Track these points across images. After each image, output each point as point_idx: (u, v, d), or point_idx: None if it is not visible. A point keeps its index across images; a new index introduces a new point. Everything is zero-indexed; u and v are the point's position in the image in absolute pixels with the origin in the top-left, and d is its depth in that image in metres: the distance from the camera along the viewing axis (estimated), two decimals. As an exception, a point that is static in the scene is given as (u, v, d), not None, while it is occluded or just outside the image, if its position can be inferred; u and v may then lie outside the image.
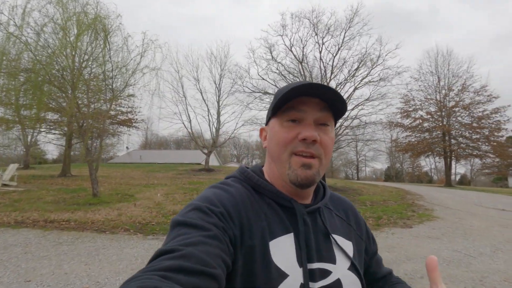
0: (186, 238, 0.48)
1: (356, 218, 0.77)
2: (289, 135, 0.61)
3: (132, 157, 34.03)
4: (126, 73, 9.67)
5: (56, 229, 5.71)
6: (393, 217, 7.30)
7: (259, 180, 0.65)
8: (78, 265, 3.81)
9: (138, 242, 4.98)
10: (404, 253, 4.56)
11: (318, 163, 0.62)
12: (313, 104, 0.62)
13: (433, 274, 0.48)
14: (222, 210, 0.56)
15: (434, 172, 46.33)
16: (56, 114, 13.60)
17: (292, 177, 0.61)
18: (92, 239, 5.08)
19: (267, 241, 0.57)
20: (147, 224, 6.14)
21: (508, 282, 3.46)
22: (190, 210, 0.55)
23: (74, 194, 9.38)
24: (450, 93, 21.43)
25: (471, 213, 8.15)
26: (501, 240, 5.39)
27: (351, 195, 11.12)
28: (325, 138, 0.62)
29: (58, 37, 8.75)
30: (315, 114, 0.61)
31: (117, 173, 16.47)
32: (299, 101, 0.61)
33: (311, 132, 0.59)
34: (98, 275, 3.49)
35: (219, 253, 0.48)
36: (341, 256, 0.64)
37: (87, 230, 5.69)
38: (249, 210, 0.59)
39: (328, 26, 13.74)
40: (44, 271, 3.59)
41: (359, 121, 14.25)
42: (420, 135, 22.71)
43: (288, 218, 0.62)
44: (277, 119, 0.64)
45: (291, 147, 0.61)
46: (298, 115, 0.61)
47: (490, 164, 24.60)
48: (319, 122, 0.62)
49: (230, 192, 0.61)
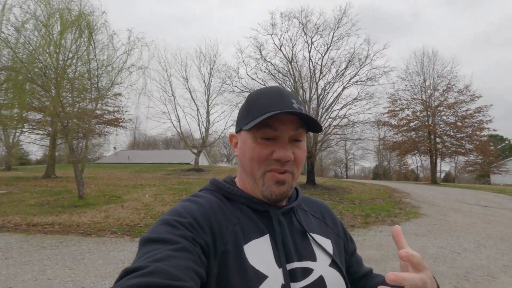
0: (154, 255, 0.47)
1: (332, 218, 0.78)
2: (263, 153, 0.61)
3: (119, 157, 33.39)
4: (112, 71, 9.48)
5: (40, 233, 5.53)
6: (381, 215, 7.43)
7: (230, 188, 0.66)
8: (62, 270, 3.70)
9: (125, 245, 4.88)
10: (391, 250, 4.63)
11: (291, 178, 0.63)
12: (289, 122, 0.61)
13: (399, 240, 0.49)
14: (191, 220, 0.55)
15: (420, 170, 47.46)
16: (40, 114, 13.18)
17: (267, 193, 0.62)
18: (77, 243, 4.95)
19: (241, 245, 0.56)
20: (135, 226, 6.03)
21: (490, 277, 3.57)
22: (158, 225, 0.54)
23: (58, 196, 9.12)
24: (435, 93, 21.95)
25: (455, 209, 8.37)
26: (484, 236, 5.56)
27: (340, 193, 11.25)
28: (299, 153, 0.63)
29: (41, 34, 8.48)
30: (289, 132, 0.61)
31: (104, 174, 16.12)
32: (275, 119, 0.61)
33: (285, 152, 0.60)
34: (83, 280, 3.40)
35: (190, 265, 0.47)
36: (321, 253, 0.64)
37: (72, 233, 5.54)
38: (219, 217, 0.59)
39: (317, 26, 13.86)
40: (26, 277, 3.47)
41: (347, 120, 14.43)
42: (407, 134, 23.17)
43: (263, 221, 0.62)
44: (250, 133, 0.63)
45: (265, 166, 0.62)
46: (274, 134, 0.61)
47: (473, 161, 25.33)
48: (293, 139, 0.63)
49: (199, 202, 0.61)
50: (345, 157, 46.95)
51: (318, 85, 13.98)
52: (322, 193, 11.00)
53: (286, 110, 0.59)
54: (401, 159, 36.09)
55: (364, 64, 13.68)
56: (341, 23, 13.58)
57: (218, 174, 16.48)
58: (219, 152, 56.24)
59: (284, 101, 0.61)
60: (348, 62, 13.81)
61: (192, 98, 18.38)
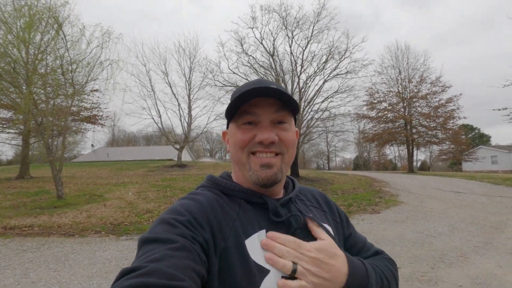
0: (152, 254, 0.46)
1: (327, 203, 0.80)
2: (246, 137, 0.62)
3: (98, 155, 32.29)
4: (87, 66, 9.11)
5: (18, 235, 5.32)
6: (363, 204, 7.72)
7: (228, 183, 0.66)
8: (47, 272, 3.60)
9: (111, 244, 4.80)
10: (373, 237, 4.85)
11: (280, 161, 0.62)
12: (267, 105, 0.62)
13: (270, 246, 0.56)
14: (189, 218, 0.54)
15: (398, 160, 49.43)
16: (10, 112, 12.46)
17: (254, 178, 0.62)
18: (60, 244, 4.81)
19: (242, 240, 0.56)
20: (120, 225, 5.92)
21: (463, 257, 3.84)
22: (157, 224, 0.54)
23: (35, 197, 8.75)
24: (409, 85, 22.82)
25: (431, 196, 8.84)
26: (457, 220, 5.93)
27: (323, 184, 11.53)
28: (284, 134, 0.62)
29: (7, 26, 7.99)
30: (270, 115, 0.62)
31: (83, 173, 15.58)
32: (252, 104, 0.62)
33: (267, 134, 0.60)
34: (69, 281, 3.33)
35: (189, 264, 0.46)
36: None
37: (54, 234, 5.37)
38: (219, 214, 0.58)
39: (298, 20, 13.93)
40: (7, 281, 3.35)
41: (329, 113, 14.74)
42: (385, 126, 24.01)
43: (262, 214, 0.62)
44: (234, 123, 0.65)
45: (248, 148, 0.62)
46: (253, 118, 0.62)
47: (446, 150, 26.65)
48: (275, 121, 0.63)
49: (197, 199, 0.60)
50: (327, 149, 47.99)
51: (300, 78, 14.14)
52: (306, 185, 11.21)
53: (253, 86, 0.59)
54: (380, 149, 37.34)
55: (343, 57, 13.97)
56: (320, 17, 13.75)
57: (202, 170, 16.36)
58: (202, 147, 55.70)
59: (261, 85, 0.60)
60: (328, 55, 14.04)
61: (173, 92, 18.07)
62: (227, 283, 0.51)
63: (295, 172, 13.26)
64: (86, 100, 16.10)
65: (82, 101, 16.10)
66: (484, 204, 7.56)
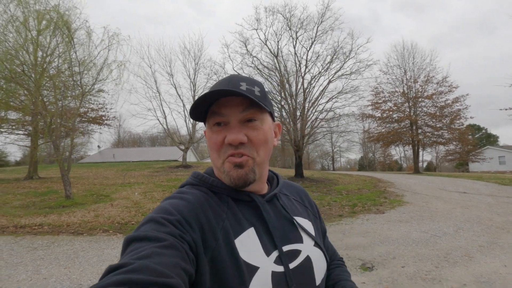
0: (139, 252, 0.46)
1: (308, 200, 0.83)
2: (218, 139, 0.62)
3: (104, 156, 32.64)
4: (94, 67, 9.28)
5: (29, 234, 5.45)
6: (367, 204, 7.72)
7: (215, 181, 0.65)
8: (57, 269, 3.70)
9: (118, 243, 4.89)
10: (377, 237, 4.87)
11: (252, 162, 0.61)
12: (235, 104, 0.61)
13: None
14: (179, 217, 0.54)
15: (404, 160, 48.99)
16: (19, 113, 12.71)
17: (227, 179, 0.62)
18: (69, 242, 4.92)
19: (232, 240, 0.56)
20: (127, 224, 6.03)
21: (468, 257, 3.84)
22: (144, 223, 0.53)
23: (44, 197, 8.92)
24: (415, 85, 22.66)
25: (436, 197, 8.79)
26: (462, 220, 5.91)
27: (328, 185, 11.54)
28: (254, 135, 0.61)
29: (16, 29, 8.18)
30: (237, 115, 0.61)
31: (90, 173, 15.80)
32: (220, 104, 0.61)
33: (234, 135, 0.59)
34: (80, 278, 3.42)
35: (177, 262, 0.46)
36: (305, 235, 0.68)
37: (63, 233, 5.49)
38: (208, 213, 0.58)
39: (302, 20, 13.98)
40: (20, 277, 3.46)
41: (333, 113, 14.72)
42: (390, 126, 23.86)
43: (249, 212, 0.63)
44: (207, 125, 0.65)
45: (223, 154, 0.62)
46: (222, 119, 0.61)
47: (453, 151, 26.39)
48: (244, 120, 0.61)
49: (186, 198, 0.59)
50: (331, 149, 47.81)
51: (304, 79, 14.17)
52: (311, 185, 11.25)
53: (216, 88, 0.58)
54: (385, 150, 37.12)
55: (348, 57, 13.96)
56: (324, 17, 13.78)
57: (207, 170, 16.44)
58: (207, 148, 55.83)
59: (229, 85, 0.60)
60: (333, 56, 14.05)
61: (178, 94, 18.20)
62: (217, 283, 0.52)
63: (299, 173, 13.28)
64: (92, 101, 16.38)
65: (89, 102, 16.40)
66: (490, 205, 7.50)
